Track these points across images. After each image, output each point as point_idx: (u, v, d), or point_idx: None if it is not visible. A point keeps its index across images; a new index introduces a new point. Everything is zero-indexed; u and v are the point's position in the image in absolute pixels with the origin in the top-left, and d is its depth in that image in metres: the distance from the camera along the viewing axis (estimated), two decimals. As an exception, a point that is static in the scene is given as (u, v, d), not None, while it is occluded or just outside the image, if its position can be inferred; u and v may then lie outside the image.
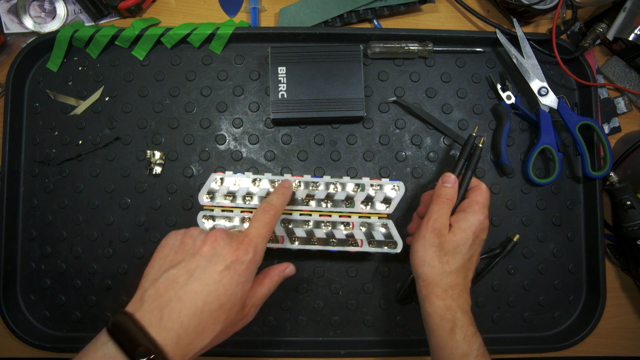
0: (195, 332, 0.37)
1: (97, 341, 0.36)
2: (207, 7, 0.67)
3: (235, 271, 0.40)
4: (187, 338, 0.37)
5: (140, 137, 0.63)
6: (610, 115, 0.67)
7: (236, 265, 0.40)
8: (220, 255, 0.40)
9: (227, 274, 0.39)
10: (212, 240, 0.41)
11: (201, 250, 0.41)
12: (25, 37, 0.65)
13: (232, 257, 0.40)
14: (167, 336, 0.36)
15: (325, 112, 0.60)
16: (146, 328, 0.36)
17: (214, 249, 0.41)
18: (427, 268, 0.49)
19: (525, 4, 0.62)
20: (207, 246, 0.41)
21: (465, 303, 0.49)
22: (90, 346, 0.37)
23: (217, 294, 0.39)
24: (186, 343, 0.37)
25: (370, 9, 0.64)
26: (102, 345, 0.36)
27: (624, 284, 0.66)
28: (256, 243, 0.42)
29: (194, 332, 0.37)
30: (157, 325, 0.36)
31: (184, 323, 0.37)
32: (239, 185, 0.54)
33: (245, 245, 0.41)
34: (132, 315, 0.37)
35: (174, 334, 0.36)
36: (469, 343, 0.46)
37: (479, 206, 0.51)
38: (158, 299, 0.38)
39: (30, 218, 0.63)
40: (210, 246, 0.41)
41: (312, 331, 0.63)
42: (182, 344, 0.37)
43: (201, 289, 0.38)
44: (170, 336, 0.36)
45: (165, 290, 0.38)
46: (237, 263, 0.40)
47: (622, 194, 0.62)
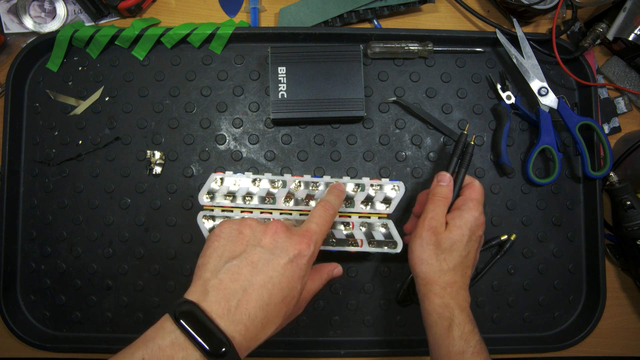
0: (262, 325, 0.37)
1: (163, 328, 0.35)
2: (207, 7, 0.67)
3: (297, 265, 0.40)
4: (254, 331, 0.37)
5: (140, 137, 0.63)
6: (610, 115, 0.67)
7: (298, 259, 0.40)
8: (283, 248, 0.40)
9: (290, 267, 0.39)
10: (272, 232, 0.41)
11: (262, 242, 0.40)
12: (25, 37, 0.65)
13: (295, 251, 0.40)
14: (235, 329, 0.36)
15: (325, 112, 0.60)
16: (215, 319, 0.35)
17: (276, 241, 0.40)
18: (425, 266, 0.49)
19: (525, 4, 0.62)
20: (269, 238, 0.41)
21: (464, 300, 0.49)
22: (154, 332, 0.35)
23: (281, 286, 0.39)
24: (252, 336, 0.37)
25: (370, 9, 0.64)
26: (170, 333, 0.35)
27: (624, 284, 0.66)
28: (316, 239, 0.43)
29: (260, 324, 0.37)
30: (225, 317, 0.36)
31: (252, 316, 0.37)
32: (239, 185, 0.54)
33: (307, 240, 0.41)
34: (199, 305, 0.36)
35: (242, 326, 0.36)
36: (466, 340, 0.47)
37: (473, 203, 0.51)
38: (223, 290, 0.37)
39: (30, 218, 0.63)
40: (271, 238, 0.41)
41: (312, 331, 0.63)
42: (249, 337, 0.37)
43: (266, 282, 0.38)
44: (239, 329, 0.36)
45: (230, 282, 0.37)
46: (300, 257, 0.40)
47: (622, 194, 0.62)
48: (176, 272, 0.62)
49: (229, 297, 0.37)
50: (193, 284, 0.39)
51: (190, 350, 0.34)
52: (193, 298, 0.37)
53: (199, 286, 0.38)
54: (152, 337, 0.35)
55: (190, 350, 0.34)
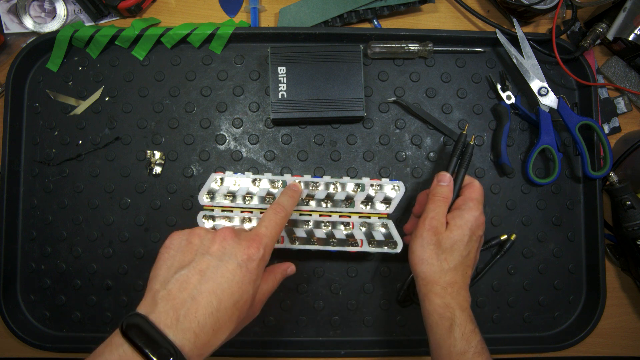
0: (212, 331, 0.37)
1: (111, 343, 0.36)
2: (207, 7, 0.67)
3: (247, 269, 0.40)
4: (205, 338, 0.37)
5: (140, 137, 0.63)
6: (610, 115, 0.67)
7: (248, 263, 0.40)
8: (231, 253, 0.40)
9: (239, 272, 0.40)
10: (221, 239, 0.41)
11: (211, 250, 0.41)
12: (25, 37, 0.65)
13: (244, 256, 0.40)
14: (184, 337, 0.36)
15: (325, 112, 0.60)
16: (162, 329, 0.36)
17: (224, 248, 0.41)
18: (426, 266, 0.49)
19: (525, 4, 0.62)
20: (217, 245, 0.41)
21: (464, 300, 0.49)
22: (104, 348, 0.36)
23: (231, 292, 0.39)
24: (203, 343, 0.37)
25: (370, 9, 0.64)
26: (118, 347, 0.35)
27: (624, 284, 0.66)
28: (266, 242, 0.43)
29: (211, 331, 0.37)
30: (173, 327, 0.36)
31: (201, 323, 0.37)
32: (239, 185, 0.54)
33: (257, 244, 0.41)
34: (147, 317, 0.36)
35: (191, 334, 0.36)
36: (467, 341, 0.46)
37: (473, 203, 0.51)
38: (172, 300, 0.37)
39: (30, 218, 0.63)
40: (219, 245, 0.41)
41: (312, 331, 0.63)
42: (200, 344, 0.37)
43: (215, 288, 0.38)
44: (188, 337, 0.36)
45: (179, 291, 0.38)
46: (249, 261, 0.40)
47: (622, 194, 0.62)
48: (176, 272, 0.62)
49: (178, 307, 0.37)
50: (144, 297, 0.39)
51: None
52: (142, 310, 0.37)
53: (148, 298, 0.38)
54: (101, 353, 0.35)
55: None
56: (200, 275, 0.39)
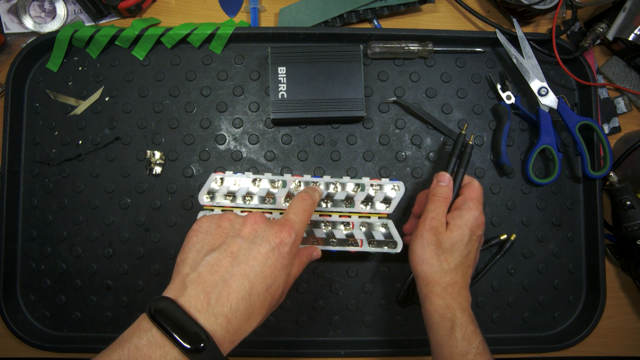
0: (245, 317, 0.36)
1: (139, 327, 0.34)
2: (207, 7, 0.67)
3: (279, 253, 0.39)
4: (237, 323, 0.35)
5: (140, 137, 0.63)
6: (610, 115, 0.67)
7: (280, 247, 0.39)
8: (263, 237, 0.39)
9: (272, 256, 0.38)
10: (252, 222, 0.40)
11: (242, 232, 0.39)
12: (25, 37, 0.65)
13: (276, 239, 0.39)
14: (215, 322, 0.34)
15: (325, 112, 0.60)
16: (193, 314, 0.34)
17: (256, 231, 0.39)
18: (426, 267, 0.49)
19: (525, 4, 0.62)
20: (248, 228, 0.40)
21: (465, 301, 0.49)
22: (131, 332, 0.34)
23: (264, 276, 0.37)
24: (235, 328, 0.35)
25: (370, 9, 0.64)
26: (146, 331, 0.33)
27: (624, 284, 0.66)
28: (297, 228, 0.41)
29: (244, 316, 0.36)
30: (204, 311, 0.34)
31: (233, 307, 0.35)
32: (239, 185, 0.54)
33: (288, 228, 0.40)
34: (176, 301, 0.35)
35: (223, 319, 0.35)
36: (468, 341, 0.46)
37: (473, 202, 0.51)
38: (202, 284, 0.35)
39: (30, 218, 0.63)
40: (251, 228, 0.40)
41: (312, 331, 0.63)
42: (232, 330, 0.35)
43: (247, 271, 0.37)
44: (220, 322, 0.34)
45: (210, 274, 0.36)
46: (281, 245, 0.39)
47: (622, 194, 0.62)
48: (176, 272, 0.62)
49: (209, 290, 0.35)
50: (172, 281, 0.38)
51: (167, 348, 0.33)
52: (171, 294, 0.36)
53: (177, 281, 0.37)
54: (129, 337, 0.34)
55: (168, 349, 0.32)
56: (232, 258, 0.37)
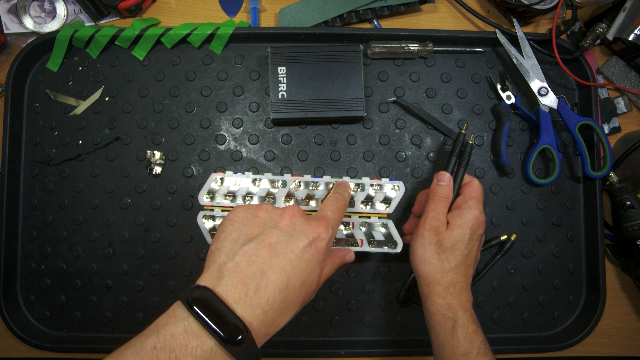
0: (280, 309, 0.36)
1: (174, 315, 0.33)
2: (207, 7, 0.67)
3: (316, 248, 0.39)
4: (273, 315, 0.35)
5: (140, 137, 0.63)
6: (610, 115, 0.67)
7: (317, 242, 0.39)
8: (301, 230, 0.39)
9: (309, 250, 0.38)
10: (290, 214, 0.40)
11: (280, 224, 0.39)
12: (25, 37, 0.65)
13: (314, 234, 0.39)
14: (252, 313, 0.34)
15: (325, 112, 0.60)
16: (230, 304, 0.33)
17: (294, 224, 0.39)
18: (427, 266, 0.49)
19: (525, 4, 0.62)
20: (286, 220, 0.39)
21: (466, 300, 0.49)
22: (166, 320, 0.33)
23: (300, 270, 0.37)
24: (271, 321, 0.35)
25: (370, 9, 0.64)
26: (182, 320, 0.33)
27: (624, 284, 0.66)
28: (333, 224, 0.41)
29: (279, 309, 0.36)
30: (242, 302, 0.34)
31: (270, 299, 0.35)
32: (239, 185, 0.54)
33: (325, 224, 0.40)
34: (213, 290, 0.34)
35: (260, 311, 0.34)
36: (470, 341, 0.46)
37: (473, 202, 0.51)
38: (240, 274, 0.35)
39: (30, 218, 0.63)
40: (289, 220, 0.39)
41: (312, 331, 0.63)
42: (268, 322, 0.35)
43: (285, 264, 0.36)
44: (257, 313, 0.34)
45: (247, 265, 0.36)
46: (319, 240, 0.39)
47: (622, 194, 0.62)
48: (176, 272, 0.62)
49: (247, 281, 0.35)
50: (206, 269, 0.37)
51: (204, 338, 0.32)
52: (207, 283, 0.35)
53: (213, 270, 0.36)
54: (164, 324, 0.33)
55: (205, 338, 0.32)
56: (270, 250, 0.37)
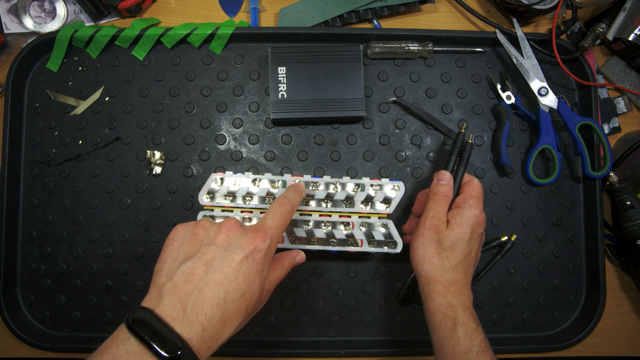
0: (220, 323, 0.37)
1: (117, 338, 0.35)
2: (207, 7, 0.67)
3: (253, 260, 0.39)
4: (212, 330, 0.36)
5: (140, 137, 0.63)
6: (610, 115, 0.67)
7: (254, 254, 0.40)
8: (237, 244, 0.40)
9: (246, 263, 0.39)
10: (226, 229, 0.41)
11: (216, 240, 0.40)
12: (25, 37, 0.65)
13: (250, 246, 0.40)
14: (192, 330, 0.35)
15: (325, 112, 0.60)
16: (169, 323, 0.35)
17: (230, 238, 0.40)
18: (427, 265, 0.49)
19: (525, 4, 0.62)
20: (222, 235, 0.40)
21: (467, 299, 0.49)
22: (110, 343, 0.35)
23: (238, 282, 0.38)
24: (211, 335, 0.36)
25: (370, 9, 0.64)
26: (124, 341, 0.34)
27: (624, 284, 0.66)
28: (272, 234, 0.42)
29: (219, 323, 0.37)
30: (180, 320, 0.35)
31: (208, 315, 0.36)
32: (239, 185, 0.54)
33: (263, 234, 0.41)
34: (153, 311, 0.35)
35: (198, 327, 0.35)
36: (470, 340, 0.47)
37: (473, 200, 0.51)
38: (178, 293, 0.36)
39: (30, 218, 0.63)
40: (225, 235, 0.40)
41: (312, 331, 0.63)
42: (208, 337, 0.36)
43: (222, 279, 0.37)
44: (195, 329, 0.35)
45: (185, 283, 0.37)
46: (255, 252, 0.40)
47: (622, 194, 0.62)
48: (176, 272, 0.62)
49: (184, 299, 0.36)
50: (149, 291, 0.38)
51: (145, 356, 0.33)
52: (148, 304, 0.36)
53: (154, 292, 0.38)
54: (107, 347, 0.34)
55: (146, 356, 0.33)
56: (207, 266, 0.38)
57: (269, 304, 0.61)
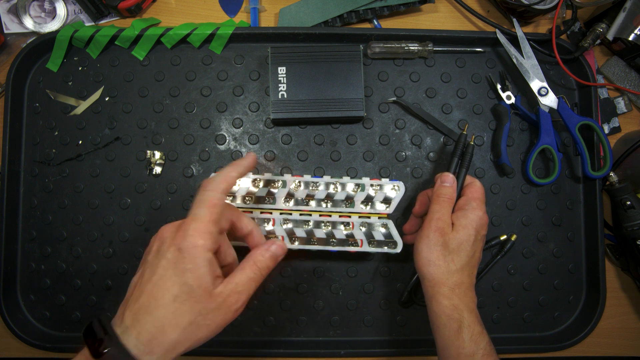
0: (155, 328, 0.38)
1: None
2: (207, 7, 0.67)
3: (175, 260, 0.39)
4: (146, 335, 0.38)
5: (140, 137, 0.63)
6: (610, 115, 0.67)
7: (175, 253, 0.39)
8: (164, 250, 0.40)
9: (169, 265, 0.39)
10: (158, 239, 0.42)
11: (151, 252, 0.42)
12: (25, 37, 0.65)
13: (171, 248, 0.39)
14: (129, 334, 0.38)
15: (325, 112, 0.60)
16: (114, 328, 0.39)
17: (159, 247, 0.41)
18: (433, 268, 0.49)
19: (525, 4, 0.62)
20: (155, 246, 0.42)
21: (472, 301, 0.49)
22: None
23: (166, 287, 0.38)
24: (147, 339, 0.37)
25: (370, 9, 0.64)
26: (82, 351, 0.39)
27: (624, 284, 0.66)
28: (194, 227, 0.39)
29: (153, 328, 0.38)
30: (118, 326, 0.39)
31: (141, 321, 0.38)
32: (239, 185, 0.54)
33: (182, 232, 0.39)
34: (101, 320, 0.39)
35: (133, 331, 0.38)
36: (475, 342, 0.46)
37: (476, 202, 0.51)
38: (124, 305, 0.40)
39: (30, 218, 0.63)
40: (156, 246, 0.42)
41: (312, 331, 0.62)
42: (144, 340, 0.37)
43: (151, 288, 0.39)
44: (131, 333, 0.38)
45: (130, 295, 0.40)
46: (175, 251, 0.39)
47: (622, 194, 0.62)
48: (176, 272, 0.62)
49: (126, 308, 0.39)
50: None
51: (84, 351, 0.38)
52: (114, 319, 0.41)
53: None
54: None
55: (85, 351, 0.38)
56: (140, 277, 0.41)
57: (268, 304, 0.62)
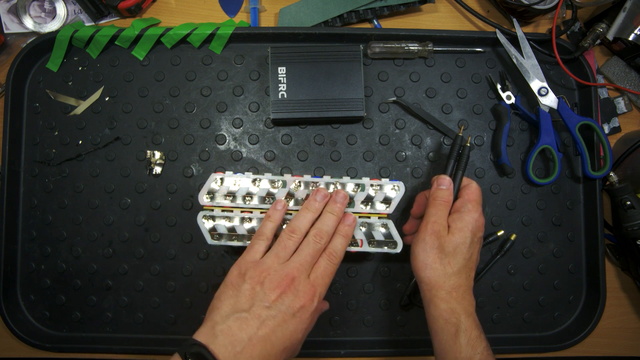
0: None
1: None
2: (207, 7, 0.67)
3: (300, 319, 0.44)
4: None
5: (140, 137, 0.63)
6: (610, 115, 0.67)
7: (301, 313, 0.44)
8: (288, 305, 0.44)
9: (293, 322, 0.44)
10: (280, 291, 0.44)
11: (270, 299, 0.44)
12: (25, 37, 0.65)
13: (299, 306, 0.44)
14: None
15: (325, 112, 0.60)
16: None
17: (282, 299, 0.44)
18: (429, 271, 0.49)
19: (525, 4, 0.62)
20: (275, 295, 0.44)
21: (469, 305, 0.49)
22: None
23: (283, 339, 0.43)
24: None
25: (370, 9, 0.64)
26: None
27: (624, 284, 0.66)
28: (320, 292, 0.46)
29: None
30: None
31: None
32: (239, 185, 0.54)
33: (311, 295, 0.45)
34: (207, 347, 0.40)
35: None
36: (473, 347, 0.46)
37: (472, 204, 0.51)
38: (231, 336, 0.41)
39: (30, 218, 0.63)
40: (278, 296, 0.44)
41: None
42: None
43: (270, 335, 0.42)
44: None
45: (238, 330, 0.42)
46: (303, 311, 0.44)
47: (622, 194, 0.62)
48: (176, 272, 0.62)
49: (235, 343, 0.41)
50: (203, 325, 0.43)
51: None
52: (201, 338, 0.41)
53: (208, 326, 0.42)
54: None
55: None
56: (259, 322, 0.43)
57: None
